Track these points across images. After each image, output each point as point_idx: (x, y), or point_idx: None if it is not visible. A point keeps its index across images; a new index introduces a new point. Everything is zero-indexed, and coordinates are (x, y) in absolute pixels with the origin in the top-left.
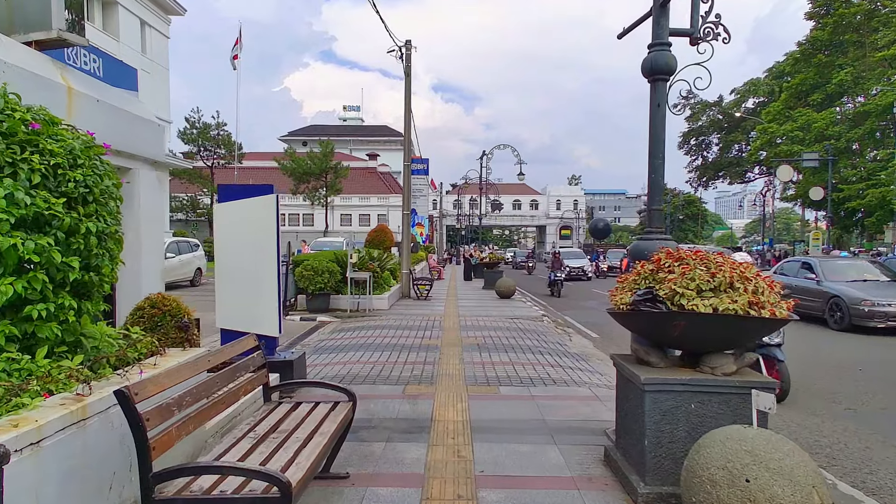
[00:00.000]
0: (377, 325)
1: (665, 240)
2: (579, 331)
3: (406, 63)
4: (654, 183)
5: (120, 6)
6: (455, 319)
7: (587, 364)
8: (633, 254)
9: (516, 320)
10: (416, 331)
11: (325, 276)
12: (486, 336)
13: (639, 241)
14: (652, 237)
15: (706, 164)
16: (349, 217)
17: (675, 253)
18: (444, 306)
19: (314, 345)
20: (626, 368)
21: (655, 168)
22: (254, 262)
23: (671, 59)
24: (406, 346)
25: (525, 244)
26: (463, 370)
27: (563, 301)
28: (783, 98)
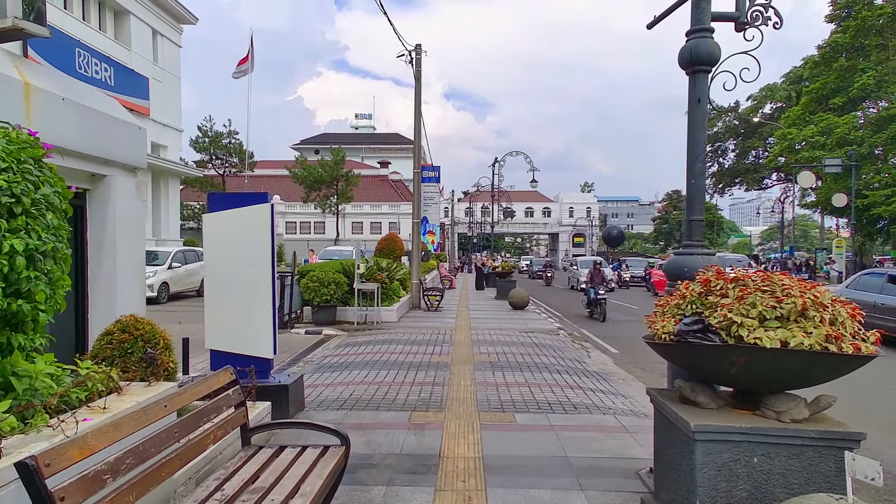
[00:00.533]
0: (385, 339)
1: (707, 254)
2: (597, 345)
3: (416, 67)
4: (694, 189)
5: (132, 15)
6: (466, 333)
7: (609, 385)
8: (671, 271)
9: (531, 334)
10: (426, 346)
11: (331, 288)
12: (500, 352)
13: (677, 255)
14: (692, 251)
15: (722, 171)
16: (360, 225)
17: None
18: (455, 318)
19: (317, 361)
20: (668, 409)
21: (695, 172)
22: (246, 277)
23: (714, 48)
24: (414, 363)
25: (537, 252)
26: (475, 393)
27: (576, 311)
28: (803, 102)
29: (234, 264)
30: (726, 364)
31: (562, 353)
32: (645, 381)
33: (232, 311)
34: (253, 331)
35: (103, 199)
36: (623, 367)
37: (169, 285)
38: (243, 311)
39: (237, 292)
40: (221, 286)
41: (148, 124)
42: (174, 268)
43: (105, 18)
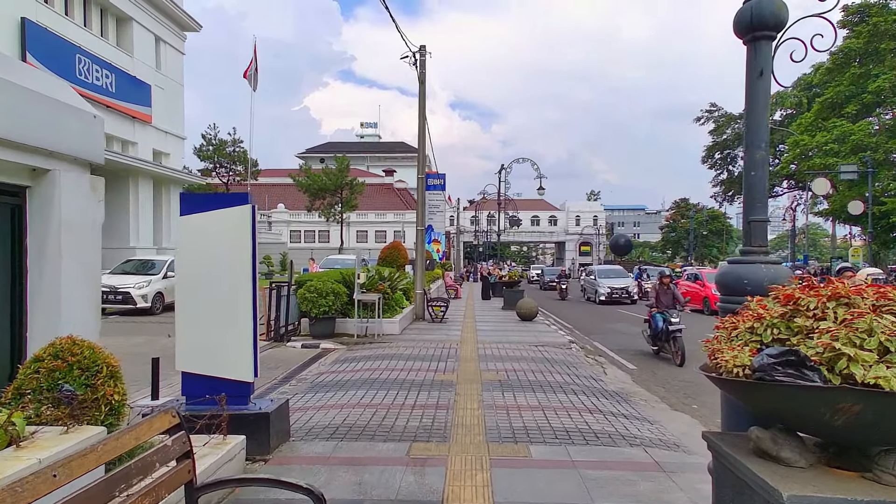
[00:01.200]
0: (386, 353)
1: (772, 263)
2: (612, 360)
3: (420, 70)
4: (754, 183)
5: (135, 22)
6: (473, 347)
7: (631, 407)
8: (727, 284)
9: (541, 348)
10: (429, 361)
11: (329, 299)
12: (509, 369)
13: (733, 264)
14: (753, 259)
15: (731, 179)
16: (365, 234)
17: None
18: (461, 330)
19: (311, 379)
20: (740, 466)
21: (755, 161)
22: (223, 288)
23: (780, 8)
24: (416, 382)
25: (543, 260)
26: (483, 418)
27: (590, 325)
28: (815, 109)
29: (209, 274)
30: (829, 412)
31: (576, 370)
32: (669, 401)
33: (206, 328)
34: (230, 350)
35: (46, 197)
36: (643, 386)
37: (164, 295)
38: (219, 327)
39: (212, 306)
40: (194, 299)
41: (150, 132)
42: (170, 277)
43: (107, 25)
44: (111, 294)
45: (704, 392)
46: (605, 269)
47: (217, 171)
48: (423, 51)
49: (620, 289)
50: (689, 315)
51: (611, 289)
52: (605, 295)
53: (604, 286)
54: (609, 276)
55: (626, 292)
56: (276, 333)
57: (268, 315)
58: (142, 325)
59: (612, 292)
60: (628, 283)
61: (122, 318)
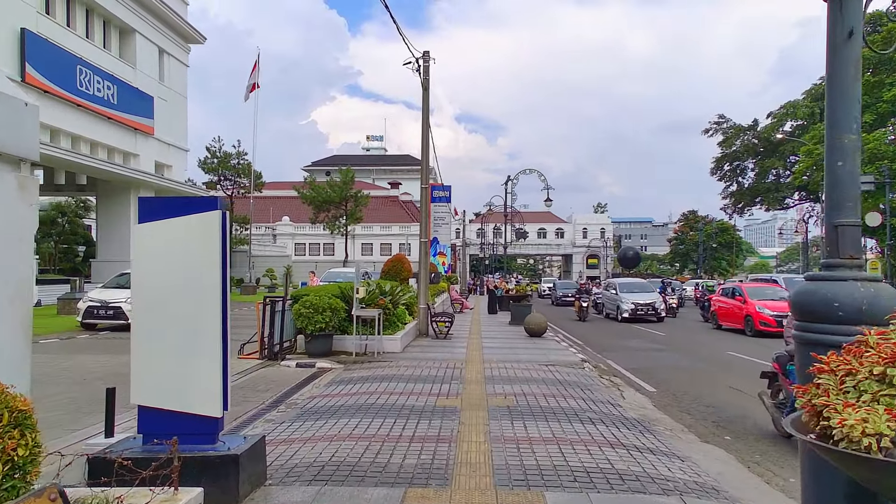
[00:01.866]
0: (385, 374)
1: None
2: (629, 381)
3: (424, 76)
4: (842, 177)
5: (138, 34)
6: (479, 367)
7: (657, 440)
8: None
9: (552, 368)
10: (431, 383)
11: (326, 315)
12: (518, 392)
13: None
14: (844, 274)
15: (742, 191)
16: (370, 246)
17: None
18: (467, 348)
19: (302, 404)
20: None
21: (843, 149)
22: (187, 307)
23: None
24: (416, 408)
25: (550, 273)
26: (490, 454)
27: (602, 341)
28: None
29: (170, 291)
30: None
31: (591, 393)
32: (697, 431)
33: (167, 353)
34: (195, 380)
35: None
36: (665, 412)
37: None
38: (182, 352)
39: (174, 328)
40: (153, 319)
41: (152, 143)
42: None
43: (110, 37)
44: (101, 309)
45: (735, 419)
46: (627, 282)
47: (221, 183)
48: (427, 56)
49: (646, 305)
50: (727, 335)
51: (635, 305)
52: (628, 311)
53: (627, 302)
54: (632, 290)
55: (651, 308)
56: (269, 351)
57: (261, 332)
58: (120, 341)
59: (637, 308)
60: (654, 298)
61: (114, 333)
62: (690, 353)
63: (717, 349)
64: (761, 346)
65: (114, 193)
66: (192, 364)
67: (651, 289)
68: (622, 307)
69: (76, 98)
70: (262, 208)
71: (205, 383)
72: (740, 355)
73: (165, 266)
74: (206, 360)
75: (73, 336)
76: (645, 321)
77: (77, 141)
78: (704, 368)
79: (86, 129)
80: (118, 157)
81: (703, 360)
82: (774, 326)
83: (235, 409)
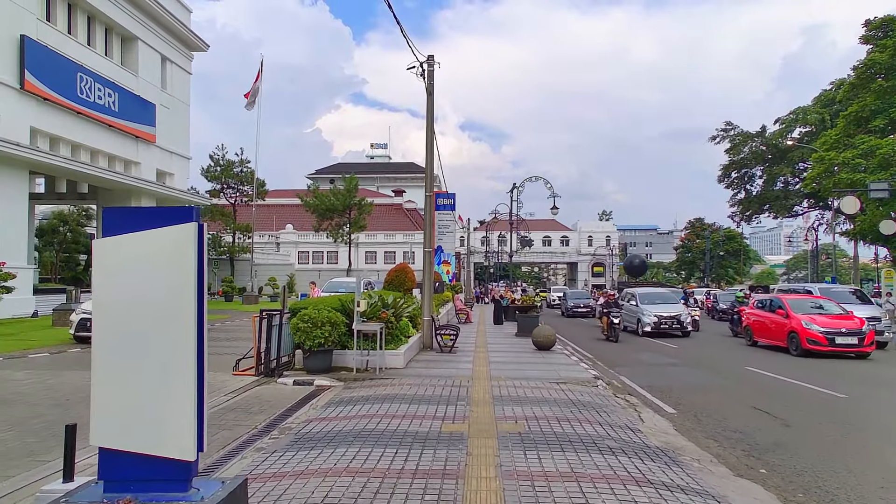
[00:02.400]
0: (387, 394)
1: None
2: (646, 401)
3: (428, 80)
4: None
5: (140, 41)
6: (486, 385)
7: (685, 474)
8: None
9: (564, 386)
10: (436, 405)
11: (325, 329)
12: (530, 416)
13: None
14: None
15: (750, 198)
16: (374, 255)
17: None
18: (473, 363)
19: (297, 429)
20: None
21: None
22: (156, 332)
23: None
24: (420, 435)
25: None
26: (502, 495)
27: (613, 355)
28: (841, 125)
29: (136, 313)
30: None
31: (608, 416)
32: (727, 461)
33: (132, 387)
34: (164, 418)
35: None
36: (689, 437)
37: None
38: (150, 387)
39: (141, 358)
40: (117, 348)
41: (154, 151)
42: None
43: (112, 44)
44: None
45: (767, 448)
46: (648, 292)
47: (224, 191)
48: (432, 61)
49: (670, 318)
50: (768, 354)
51: (658, 317)
52: (651, 325)
53: (649, 314)
54: (654, 300)
55: (676, 322)
56: (265, 368)
57: (257, 347)
58: None
59: (661, 322)
60: (679, 310)
61: None
62: (710, 368)
63: (735, 363)
64: (807, 366)
65: (115, 202)
66: (162, 399)
67: (675, 299)
68: (644, 320)
69: (76, 106)
70: (265, 216)
71: (176, 422)
72: (756, 370)
73: (131, 286)
74: (178, 395)
75: (65, 350)
76: (669, 336)
77: (77, 149)
78: (724, 386)
79: (86, 136)
80: (119, 165)
81: (722, 376)
82: (825, 345)
83: (225, 435)
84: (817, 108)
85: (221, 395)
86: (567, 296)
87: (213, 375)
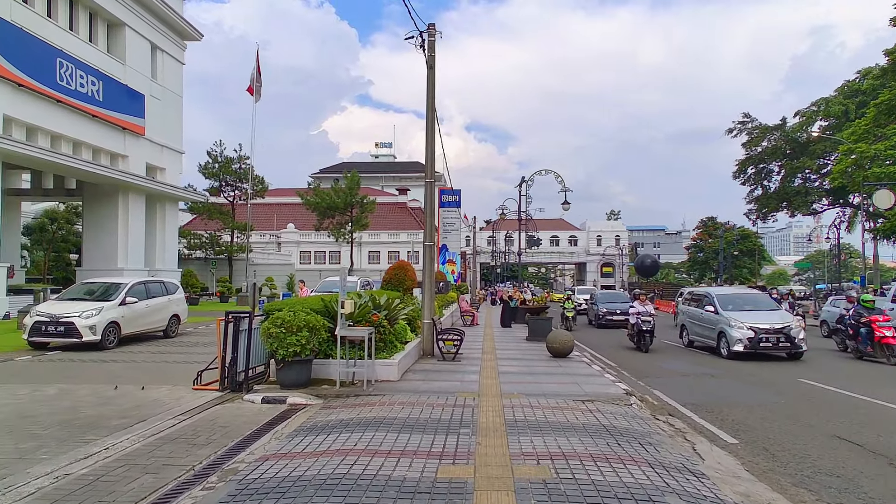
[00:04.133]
0: (373, 417)
1: None
2: (693, 424)
3: (429, 52)
4: None
5: (128, 28)
6: (496, 404)
7: None
8: None
9: (591, 406)
10: (433, 434)
11: (302, 335)
12: (556, 452)
13: None
14: None
15: (768, 195)
16: (377, 254)
17: None
18: (479, 374)
19: (244, 474)
20: None
21: None
22: None
23: None
24: (408, 485)
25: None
26: None
27: (636, 361)
28: (871, 115)
29: None
30: None
31: (656, 451)
32: None
33: None
34: None
35: None
36: (773, 485)
37: (120, 326)
38: None
39: None
40: None
41: (143, 144)
42: (129, 303)
43: (97, 29)
44: (51, 325)
45: (879, 496)
46: (731, 293)
47: (223, 189)
48: (433, 30)
49: (775, 331)
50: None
51: (755, 330)
52: (744, 341)
53: (740, 325)
54: (743, 305)
55: (783, 337)
56: (231, 381)
57: (222, 356)
58: (88, 365)
59: (760, 337)
60: (786, 320)
61: (65, 354)
62: (757, 380)
63: (783, 374)
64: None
65: (101, 197)
66: None
67: (771, 304)
68: (731, 335)
69: (56, 93)
70: (266, 215)
71: None
72: (811, 382)
73: None
74: None
75: (11, 358)
76: (774, 357)
77: (58, 140)
78: (782, 404)
79: (68, 126)
80: (105, 158)
81: (775, 391)
82: None
83: (145, 483)
84: (840, 100)
85: (168, 417)
86: (597, 299)
87: (169, 391)
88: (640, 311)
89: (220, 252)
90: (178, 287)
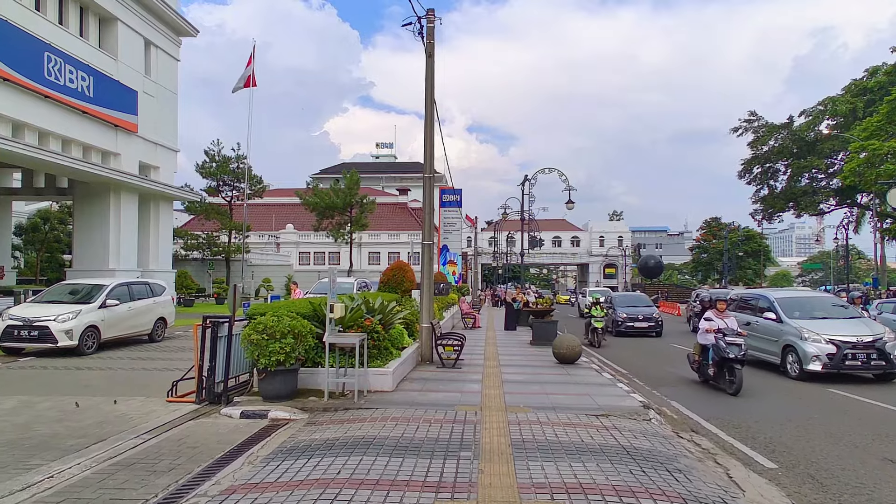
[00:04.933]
0: (361, 435)
1: None
2: (722, 444)
3: (427, 38)
4: None
5: (120, 22)
6: (501, 419)
7: None
8: None
9: (607, 421)
10: (429, 458)
11: (286, 342)
12: (571, 483)
13: None
14: None
15: (774, 194)
16: (378, 255)
17: None
18: (482, 384)
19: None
20: None
21: None
22: None
23: None
24: None
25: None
26: None
27: (648, 367)
28: (884, 111)
29: None
30: None
31: (686, 481)
32: None
33: None
34: None
35: None
36: None
37: (100, 330)
38: None
39: None
40: None
41: (136, 142)
42: (110, 306)
43: (87, 24)
44: (24, 329)
45: None
46: (796, 297)
47: (221, 188)
48: (432, 16)
49: (864, 345)
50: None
51: (837, 345)
52: (823, 358)
53: (816, 337)
54: (813, 313)
55: (877, 353)
56: (209, 392)
57: (199, 365)
58: (60, 374)
59: (844, 353)
60: (878, 330)
61: (39, 361)
62: (783, 390)
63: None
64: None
65: (92, 197)
66: None
67: (850, 309)
68: (806, 350)
69: (43, 88)
70: (265, 216)
71: None
72: (841, 392)
73: None
74: None
75: None
76: (858, 379)
77: (46, 137)
78: (818, 419)
79: (56, 123)
80: (95, 156)
81: (805, 403)
82: None
83: None
84: (848, 98)
85: (132, 436)
86: (615, 302)
87: (141, 403)
88: (719, 328)
89: (217, 253)
90: (164, 289)
